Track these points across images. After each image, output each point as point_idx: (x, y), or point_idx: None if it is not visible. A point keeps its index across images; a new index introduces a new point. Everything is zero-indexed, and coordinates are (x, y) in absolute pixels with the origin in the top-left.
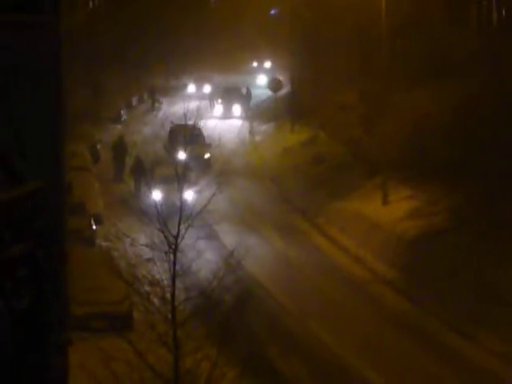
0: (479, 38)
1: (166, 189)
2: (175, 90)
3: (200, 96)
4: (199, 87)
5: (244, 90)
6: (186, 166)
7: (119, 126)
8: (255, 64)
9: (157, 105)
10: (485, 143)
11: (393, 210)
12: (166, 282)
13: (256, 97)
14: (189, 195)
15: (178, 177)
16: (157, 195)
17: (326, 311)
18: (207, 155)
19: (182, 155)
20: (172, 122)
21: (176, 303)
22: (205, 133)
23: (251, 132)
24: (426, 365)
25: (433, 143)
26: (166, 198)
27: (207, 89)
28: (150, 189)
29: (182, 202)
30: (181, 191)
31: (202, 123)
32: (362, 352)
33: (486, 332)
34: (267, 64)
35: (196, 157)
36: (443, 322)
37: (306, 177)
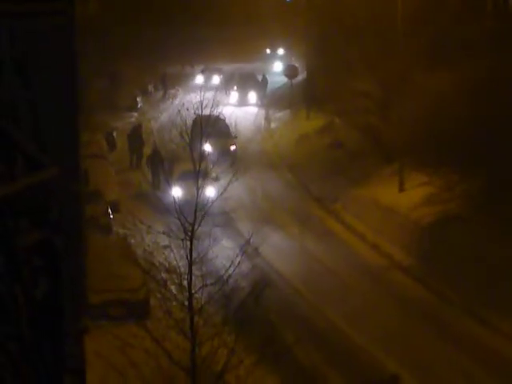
0: (495, 22)
1: (186, 185)
2: (189, 78)
3: (208, 88)
4: (208, 78)
5: (260, 77)
6: (207, 159)
7: (135, 114)
8: (268, 51)
9: (171, 92)
10: (502, 128)
11: (409, 196)
12: (182, 269)
13: (272, 84)
14: (210, 192)
15: (198, 172)
16: (177, 192)
17: (342, 298)
18: (233, 147)
19: (206, 147)
20: (187, 109)
21: (193, 290)
22: (230, 124)
23: (267, 119)
24: (441, 350)
25: (449, 128)
26: (186, 196)
27: (216, 80)
28: (169, 185)
29: (199, 191)
30: (197, 178)
31: (219, 111)
32: (379, 339)
33: (503, 317)
34: (280, 51)
35: (221, 149)
36: (459, 308)
37: (321, 163)
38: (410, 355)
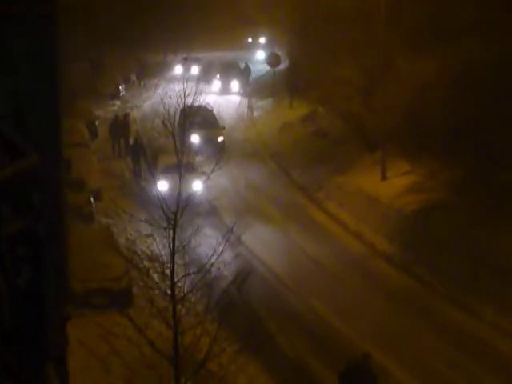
0: (479, 8)
1: (172, 179)
2: (171, 67)
3: (187, 78)
4: (187, 68)
5: (242, 66)
6: (194, 151)
7: (118, 102)
8: (250, 40)
9: (154, 81)
10: (485, 115)
11: (392, 184)
12: (165, 257)
13: (254, 72)
14: (197, 186)
15: (181, 161)
16: (162, 186)
17: (324, 286)
18: (220, 138)
19: (194, 138)
20: (170, 98)
21: (175, 279)
22: (217, 114)
23: (250, 107)
24: (424, 337)
25: (433, 116)
26: (171, 189)
27: (195, 70)
28: (153, 178)
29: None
30: (180, 167)
31: (202, 100)
32: (362, 327)
33: (486, 305)
34: (262, 40)
35: (209, 140)
36: (442, 296)
37: (304, 152)
38: (394, 343)
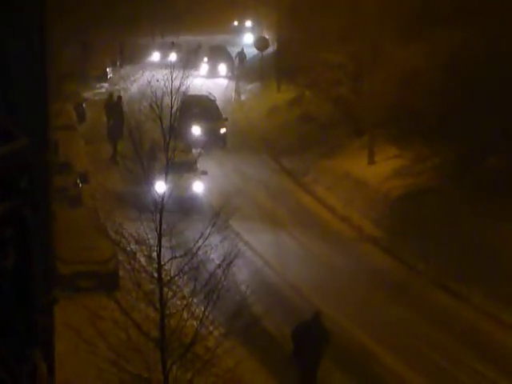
0: None
1: (171, 179)
2: (160, 50)
3: (164, 65)
4: (164, 55)
5: (238, 50)
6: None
7: (106, 85)
8: (236, 23)
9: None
10: (473, 100)
11: (379, 168)
12: (152, 241)
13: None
14: (198, 187)
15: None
16: (160, 187)
17: (311, 270)
18: (223, 130)
19: (196, 130)
20: (158, 81)
21: (162, 262)
22: (219, 105)
23: (237, 91)
24: (410, 321)
25: (420, 101)
26: (171, 191)
27: (173, 57)
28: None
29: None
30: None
31: (188, 82)
32: (349, 310)
33: (473, 289)
34: (248, 23)
35: (210, 132)
36: (429, 280)
37: (292, 136)
38: (380, 327)
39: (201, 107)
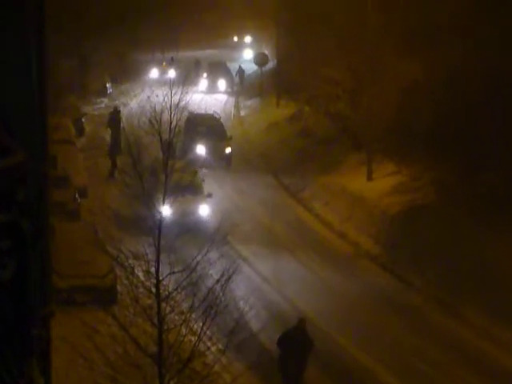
0: (469, 8)
1: (177, 202)
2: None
3: (163, 82)
4: (163, 72)
5: (236, 67)
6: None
7: (105, 99)
8: (236, 39)
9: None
10: (471, 117)
11: (377, 185)
12: (150, 255)
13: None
14: (204, 210)
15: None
16: (165, 210)
17: (308, 286)
18: (228, 150)
19: (200, 149)
20: (157, 96)
21: (160, 277)
22: (230, 126)
23: (237, 107)
24: (406, 338)
25: (419, 117)
26: (176, 215)
27: (172, 73)
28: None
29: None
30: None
31: (188, 97)
32: (344, 326)
33: (469, 305)
34: (248, 39)
35: (215, 152)
36: (427, 297)
37: (291, 151)
38: (376, 343)
39: (206, 126)
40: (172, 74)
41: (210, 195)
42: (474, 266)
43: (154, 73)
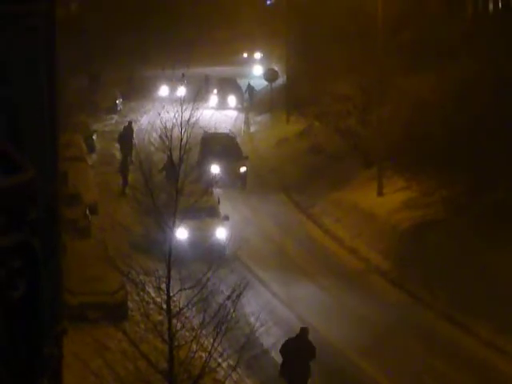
0: (475, 25)
1: (193, 226)
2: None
3: (173, 100)
4: (173, 89)
5: (242, 83)
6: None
7: (115, 116)
8: (245, 55)
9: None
10: (481, 132)
11: (388, 200)
12: (161, 271)
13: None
14: (221, 233)
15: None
16: (181, 234)
17: (319, 301)
18: (243, 169)
19: (215, 169)
20: (168, 112)
21: (171, 293)
22: (240, 142)
23: (247, 123)
24: (417, 354)
25: (429, 133)
26: (193, 239)
27: (181, 91)
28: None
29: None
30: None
31: (198, 113)
32: (355, 342)
33: (482, 322)
34: (257, 55)
35: (230, 171)
36: (437, 313)
37: (301, 167)
38: (386, 358)
39: (221, 145)
40: (182, 91)
41: (226, 218)
42: (484, 283)
43: (163, 90)
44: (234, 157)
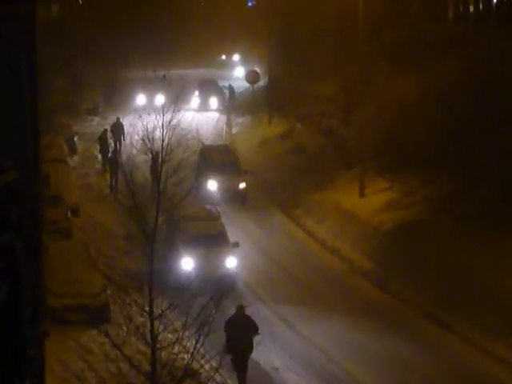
0: (456, 27)
1: (200, 255)
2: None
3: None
4: (150, 98)
5: (226, 87)
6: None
7: (97, 118)
8: (224, 57)
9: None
10: (462, 132)
11: (370, 201)
12: (143, 274)
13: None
14: (232, 262)
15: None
16: (187, 264)
17: (302, 302)
18: (242, 185)
19: (212, 185)
20: (149, 114)
21: (153, 296)
22: (240, 157)
23: (228, 124)
24: (400, 353)
25: (410, 133)
26: (201, 270)
27: (160, 100)
28: (173, 254)
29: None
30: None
31: (180, 116)
32: (339, 343)
33: (462, 320)
34: (236, 57)
35: (228, 188)
36: (420, 312)
37: (283, 168)
38: (369, 359)
39: (220, 159)
40: (160, 100)
41: (236, 245)
42: (467, 282)
43: (141, 99)
44: (233, 172)
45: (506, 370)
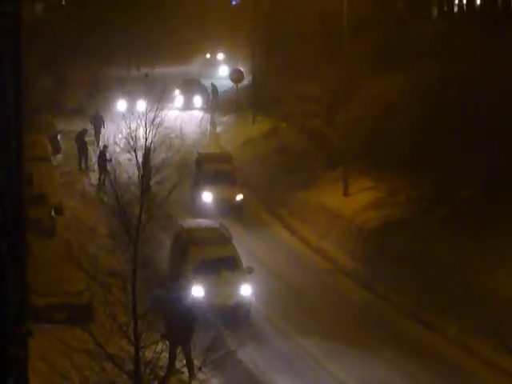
0: (441, 26)
1: (210, 281)
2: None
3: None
4: (131, 103)
5: (209, 85)
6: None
7: (80, 116)
8: (208, 56)
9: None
10: (445, 132)
11: (354, 201)
12: (126, 273)
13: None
14: (247, 290)
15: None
16: (197, 292)
17: (286, 302)
18: (239, 197)
19: (206, 197)
20: (132, 114)
21: (137, 294)
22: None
23: (212, 123)
24: (383, 353)
25: (395, 133)
26: (211, 299)
27: (141, 105)
28: (180, 282)
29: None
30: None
31: (163, 114)
32: (322, 342)
33: (447, 320)
34: (220, 56)
35: (224, 199)
36: (403, 312)
37: (267, 168)
38: (353, 358)
39: (216, 169)
40: (141, 106)
41: (250, 270)
42: (450, 282)
43: (121, 105)
44: (230, 182)
45: (490, 370)
